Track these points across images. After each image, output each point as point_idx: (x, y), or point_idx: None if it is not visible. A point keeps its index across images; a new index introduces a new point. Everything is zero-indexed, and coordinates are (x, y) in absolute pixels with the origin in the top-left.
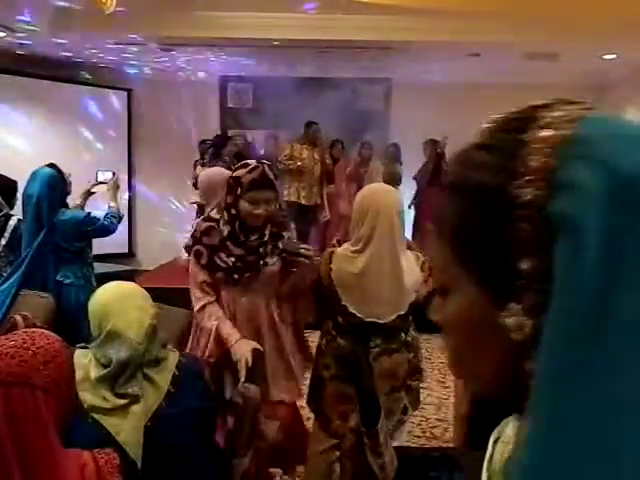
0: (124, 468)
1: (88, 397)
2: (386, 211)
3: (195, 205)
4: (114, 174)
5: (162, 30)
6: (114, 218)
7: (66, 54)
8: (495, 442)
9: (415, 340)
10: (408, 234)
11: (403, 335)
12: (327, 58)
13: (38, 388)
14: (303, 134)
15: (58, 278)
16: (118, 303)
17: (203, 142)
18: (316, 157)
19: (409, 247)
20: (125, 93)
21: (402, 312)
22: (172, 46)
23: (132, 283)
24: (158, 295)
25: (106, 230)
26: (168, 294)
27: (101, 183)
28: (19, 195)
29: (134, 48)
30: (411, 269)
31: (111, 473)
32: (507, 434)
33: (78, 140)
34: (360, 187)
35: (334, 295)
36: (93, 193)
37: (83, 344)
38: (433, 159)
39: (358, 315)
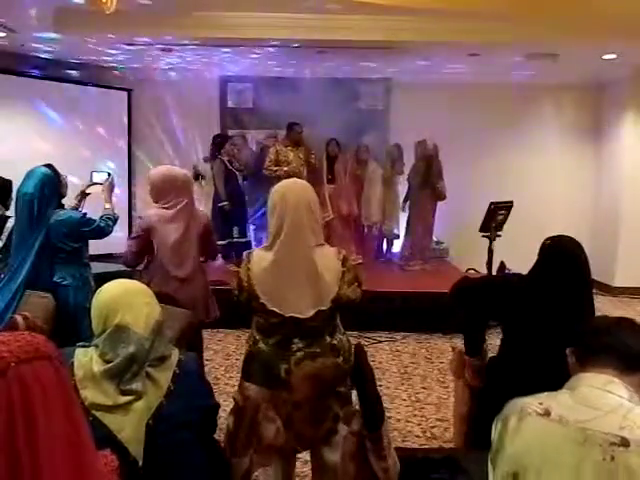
0: (123, 467)
1: (89, 395)
2: (294, 205)
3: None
4: (109, 175)
5: (162, 30)
6: (109, 220)
7: (66, 54)
8: (495, 428)
9: (343, 343)
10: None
11: (328, 338)
12: (327, 58)
13: (53, 358)
14: (285, 136)
15: (55, 279)
16: (127, 298)
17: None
18: (301, 157)
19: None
20: (125, 93)
21: (323, 307)
22: (172, 46)
23: (137, 282)
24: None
25: (101, 232)
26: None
27: (96, 184)
28: (14, 195)
29: (134, 48)
30: (329, 262)
31: (109, 475)
32: (502, 414)
33: (78, 140)
34: (359, 188)
35: (254, 294)
36: (88, 194)
37: (83, 343)
38: (424, 160)
39: (278, 312)
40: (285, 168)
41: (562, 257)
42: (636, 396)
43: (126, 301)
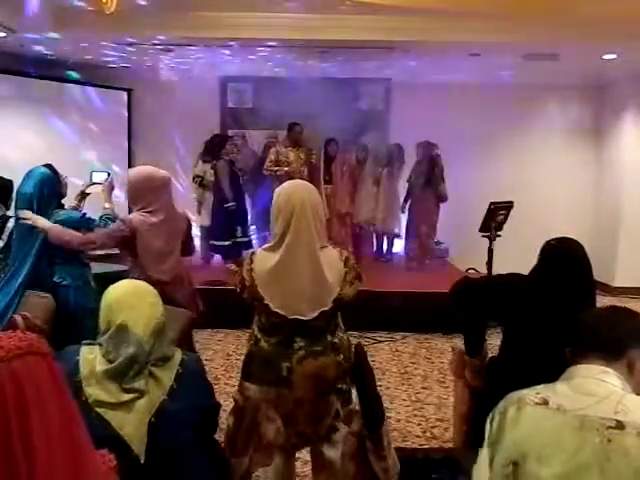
0: (124, 465)
1: (94, 392)
2: (300, 207)
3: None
4: (109, 175)
5: (162, 30)
6: (109, 220)
7: (66, 54)
8: (491, 421)
9: (343, 342)
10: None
11: (329, 336)
12: (327, 58)
13: (47, 355)
14: (286, 136)
15: (55, 279)
16: (130, 298)
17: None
18: (302, 157)
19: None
20: (125, 93)
21: (325, 308)
22: (172, 46)
23: (143, 282)
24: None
25: None
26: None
27: (95, 184)
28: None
29: (134, 48)
30: (333, 263)
31: (107, 473)
32: (499, 407)
33: (78, 140)
34: (356, 187)
35: (257, 295)
36: (88, 194)
37: (89, 341)
38: (427, 161)
39: (281, 313)
40: (286, 168)
41: (565, 259)
42: (628, 386)
43: (130, 301)
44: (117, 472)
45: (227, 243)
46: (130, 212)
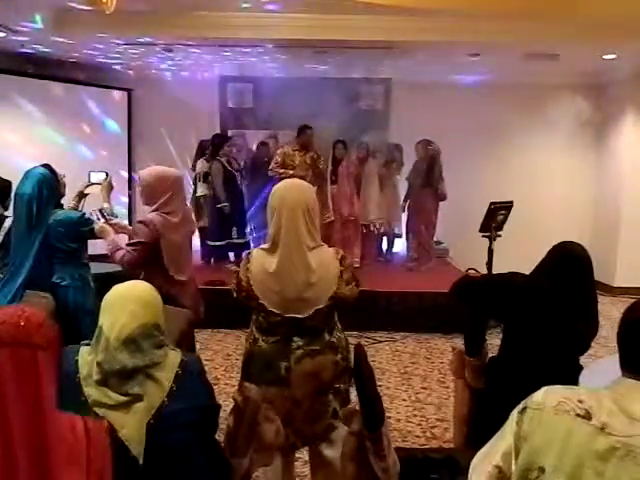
0: (124, 466)
1: (93, 392)
2: (292, 207)
3: (202, 199)
4: (107, 175)
5: (162, 30)
6: (109, 215)
7: (66, 54)
8: (522, 411)
9: (341, 341)
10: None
11: (326, 336)
12: (327, 58)
13: (38, 347)
14: (295, 139)
15: (54, 280)
16: (114, 302)
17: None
18: (308, 162)
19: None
20: (125, 93)
21: (320, 306)
22: (172, 46)
23: (146, 286)
24: None
25: None
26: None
27: (94, 184)
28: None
29: (134, 48)
30: (327, 262)
31: (99, 433)
32: (535, 401)
33: (78, 140)
34: (359, 187)
35: (252, 294)
36: (87, 194)
37: (87, 341)
38: (426, 160)
39: (276, 312)
40: (291, 172)
41: (574, 262)
42: None
43: (112, 306)
44: (108, 433)
45: (221, 243)
46: (130, 212)
